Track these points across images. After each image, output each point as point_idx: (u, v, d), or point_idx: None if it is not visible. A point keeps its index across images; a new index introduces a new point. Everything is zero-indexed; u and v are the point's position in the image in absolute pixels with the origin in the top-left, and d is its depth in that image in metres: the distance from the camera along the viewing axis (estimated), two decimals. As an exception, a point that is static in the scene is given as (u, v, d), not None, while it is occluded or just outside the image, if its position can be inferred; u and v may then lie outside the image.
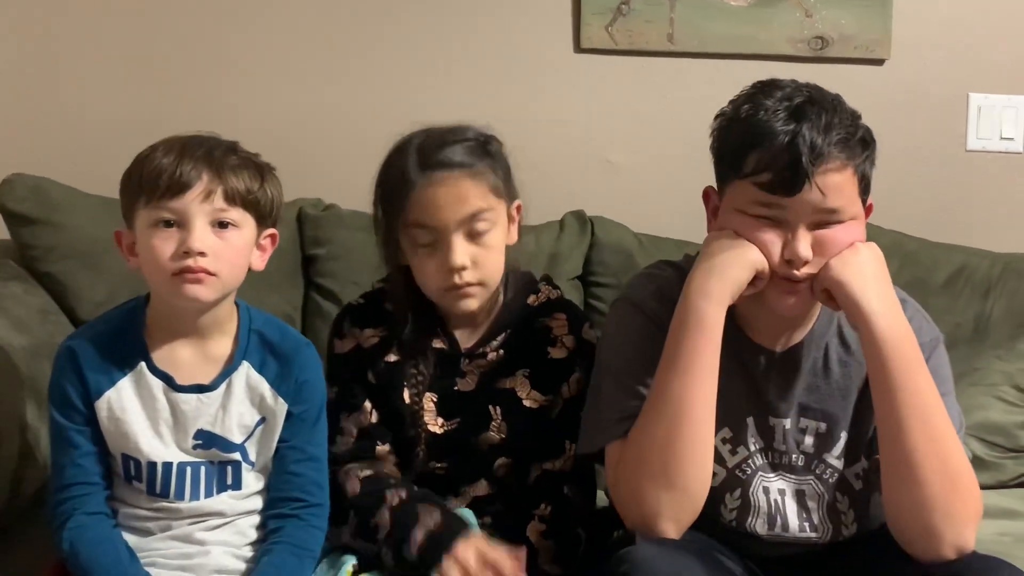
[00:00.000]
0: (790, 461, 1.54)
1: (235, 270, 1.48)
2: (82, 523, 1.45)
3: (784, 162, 1.39)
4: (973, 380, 2.15)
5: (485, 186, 1.59)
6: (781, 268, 1.43)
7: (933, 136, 2.46)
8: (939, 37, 2.44)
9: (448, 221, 1.56)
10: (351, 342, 1.67)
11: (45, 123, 2.34)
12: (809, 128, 1.39)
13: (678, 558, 1.35)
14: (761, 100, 1.44)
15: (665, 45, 2.38)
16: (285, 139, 2.29)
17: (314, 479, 1.54)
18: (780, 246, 1.43)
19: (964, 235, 2.37)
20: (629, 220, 2.28)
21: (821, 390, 1.54)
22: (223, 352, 1.52)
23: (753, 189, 1.42)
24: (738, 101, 1.49)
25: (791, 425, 1.54)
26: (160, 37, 2.35)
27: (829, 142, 1.39)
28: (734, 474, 1.54)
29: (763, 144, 1.40)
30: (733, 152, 1.45)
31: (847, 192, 1.43)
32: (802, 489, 1.55)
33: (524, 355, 1.68)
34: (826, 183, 1.39)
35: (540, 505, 1.63)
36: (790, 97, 1.43)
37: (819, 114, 1.40)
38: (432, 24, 2.38)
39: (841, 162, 1.41)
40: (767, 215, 1.43)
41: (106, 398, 1.47)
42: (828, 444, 1.54)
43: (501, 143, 1.66)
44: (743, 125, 1.44)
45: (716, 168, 1.52)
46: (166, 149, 1.45)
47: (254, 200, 1.48)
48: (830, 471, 1.54)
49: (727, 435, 1.53)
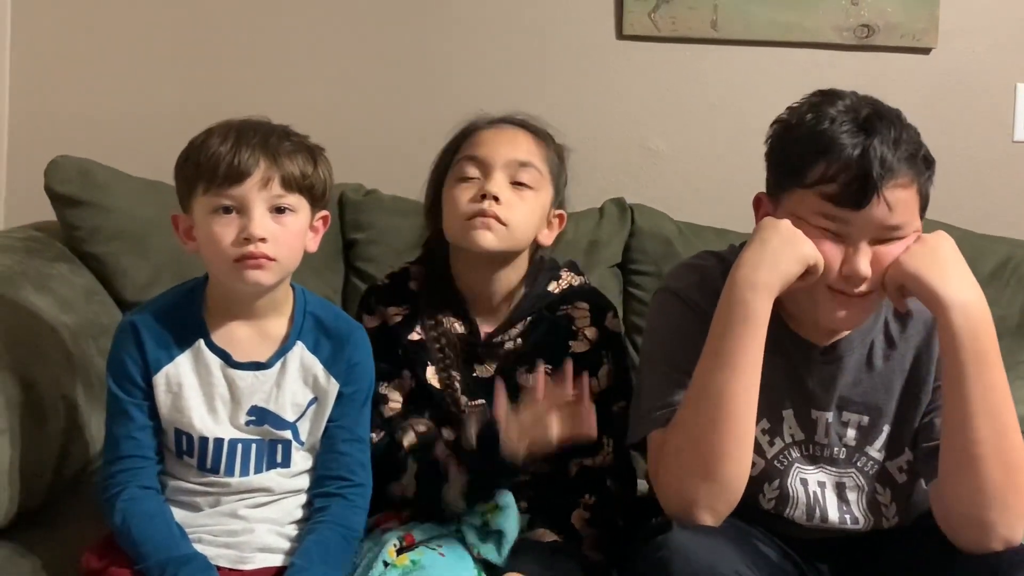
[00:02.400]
0: (831, 454, 1.54)
1: (293, 253, 1.50)
2: (135, 496, 1.47)
3: (853, 174, 1.38)
4: (1018, 373, 2.10)
5: (541, 152, 1.65)
6: (838, 283, 1.42)
7: (980, 126, 2.43)
8: (986, 26, 2.40)
9: (497, 155, 1.62)
10: (378, 319, 1.69)
11: (91, 108, 2.37)
12: (880, 142, 1.38)
13: (715, 544, 1.36)
14: (826, 109, 1.43)
15: (708, 32, 2.37)
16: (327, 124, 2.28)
17: (359, 459, 1.56)
18: (839, 260, 1.42)
19: (1010, 226, 2.35)
20: (669, 208, 2.27)
21: (864, 384, 1.54)
22: (279, 332, 1.54)
23: (818, 200, 1.41)
24: (800, 109, 1.47)
25: (833, 418, 1.54)
26: (205, 24, 2.37)
27: (899, 157, 1.39)
28: (773, 464, 1.54)
29: (831, 154, 1.39)
30: (796, 161, 1.43)
31: (911, 209, 1.42)
32: (843, 482, 1.54)
33: (545, 349, 1.67)
34: (894, 199, 1.39)
35: (585, 495, 1.64)
36: (855, 109, 1.42)
37: (888, 128, 1.40)
38: (474, 12, 2.38)
39: (909, 178, 1.40)
40: (829, 228, 1.41)
41: (164, 373, 1.50)
42: (871, 437, 1.54)
43: (568, 153, 1.72)
44: (808, 134, 1.42)
45: (772, 175, 1.50)
46: (222, 135, 1.46)
47: (309, 184, 1.50)
48: (871, 463, 1.54)
49: (766, 426, 1.53)
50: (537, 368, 1.64)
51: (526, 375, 1.67)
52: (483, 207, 1.59)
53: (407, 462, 1.60)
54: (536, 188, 1.64)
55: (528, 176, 1.63)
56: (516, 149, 1.63)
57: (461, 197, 1.61)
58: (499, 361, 1.68)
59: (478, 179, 1.62)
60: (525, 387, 1.64)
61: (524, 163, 1.63)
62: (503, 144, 1.63)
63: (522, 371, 1.67)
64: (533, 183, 1.63)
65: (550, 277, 1.72)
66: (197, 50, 2.37)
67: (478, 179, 1.62)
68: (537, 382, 1.49)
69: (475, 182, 1.62)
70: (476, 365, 1.68)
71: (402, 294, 1.71)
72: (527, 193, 1.63)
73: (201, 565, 1.43)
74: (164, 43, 2.37)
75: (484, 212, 1.59)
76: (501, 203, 1.60)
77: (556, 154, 1.69)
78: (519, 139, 1.65)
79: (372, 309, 1.70)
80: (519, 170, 1.62)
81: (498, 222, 1.60)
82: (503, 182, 1.61)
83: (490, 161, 1.61)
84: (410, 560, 1.48)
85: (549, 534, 1.58)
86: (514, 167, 1.62)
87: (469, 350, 1.68)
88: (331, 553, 1.48)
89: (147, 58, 2.37)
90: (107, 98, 2.38)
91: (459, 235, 1.63)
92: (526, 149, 1.64)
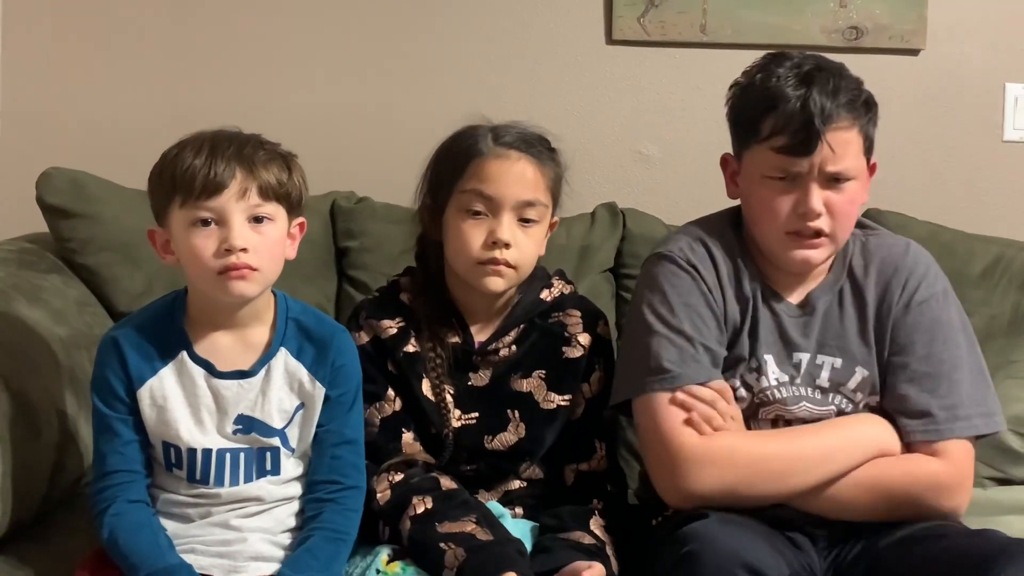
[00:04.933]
0: (810, 392, 1.63)
1: (275, 262, 1.50)
2: (122, 510, 1.48)
3: (798, 124, 1.53)
4: (1009, 372, 2.12)
5: (545, 181, 1.66)
6: (794, 224, 1.58)
7: (969, 127, 2.43)
8: (975, 27, 2.41)
9: (507, 196, 1.61)
10: (369, 334, 1.68)
11: (82, 118, 2.37)
12: (819, 92, 1.53)
13: (744, 536, 1.41)
14: (773, 68, 1.59)
15: (698, 36, 2.37)
16: (319, 132, 2.31)
17: (351, 461, 1.56)
18: (792, 204, 1.57)
19: (1001, 226, 2.35)
20: (661, 212, 2.27)
21: (834, 328, 1.65)
22: (261, 340, 1.55)
23: (772, 155, 1.57)
24: (751, 71, 1.64)
25: (809, 360, 1.64)
26: (196, 33, 2.37)
27: (837, 104, 1.54)
28: (759, 397, 1.63)
29: (778, 108, 1.55)
30: (749, 118, 1.60)
31: (854, 150, 1.57)
32: (821, 418, 1.62)
33: (539, 355, 1.69)
34: (836, 141, 1.54)
35: (592, 500, 1.65)
36: (799, 65, 1.58)
37: (827, 79, 1.55)
38: (464, 17, 2.38)
39: (849, 121, 1.56)
40: (784, 177, 1.57)
41: (148, 387, 1.50)
42: (844, 377, 1.63)
43: (563, 158, 1.72)
44: (757, 91, 1.59)
45: (733, 134, 1.68)
46: (196, 148, 1.46)
47: (286, 192, 1.50)
48: (845, 401, 1.63)
49: (754, 364, 1.64)
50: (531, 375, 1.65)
51: (520, 381, 1.67)
52: (494, 255, 1.60)
53: (379, 523, 1.59)
54: (540, 220, 1.66)
55: (534, 212, 1.64)
56: (524, 188, 1.63)
57: (472, 236, 1.61)
58: (493, 369, 1.68)
59: (485, 216, 1.62)
60: (520, 392, 1.66)
61: (531, 202, 1.63)
62: (512, 185, 1.62)
63: (516, 378, 1.68)
64: (538, 216, 1.65)
65: (542, 285, 1.73)
66: (188, 59, 2.37)
67: (485, 216, 1.62)
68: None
69: (483, 219, 1.62)
70: (471, 374, 1.68)
71: (394, 306, 1.70)
72: (532, 228, 1.64)
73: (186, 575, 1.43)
74: (155, 52, 2.37)
75: (496, 260, 1.61)
76: (511, 248, 1.61)
77: (555, 172, 1.68)
78: (526, 174, 1.63)
79: (361, 325, 1.69)
80: (525, 209, 1.63)
81: (508, 267, 1.62)
82: (511, 223, 1.62)
83: (499, 201, 1.61)
84: (400, 567, 1.48)
85: (587, 536, 1.57)
86: (523, 206, 1.63)
87: (463, 359, 1.68)
88: (320, 560, 1.48)
89: (138, 67, 2.37)
90: (98, 108, 2.37)
91: (468, 274, 1.64)
92: (532, 185, 1.64)
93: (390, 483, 1.60)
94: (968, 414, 1.58)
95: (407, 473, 1.62)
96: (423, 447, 1.65)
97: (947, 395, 1.58)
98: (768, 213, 1.60)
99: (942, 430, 1.57)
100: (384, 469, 1.61)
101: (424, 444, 1.65)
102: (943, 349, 1.61)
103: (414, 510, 1.54)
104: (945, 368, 1.60)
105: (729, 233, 1.69)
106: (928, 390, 1.59)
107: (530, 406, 1.67)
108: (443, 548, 1.47)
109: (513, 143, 1.64)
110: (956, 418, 1.57)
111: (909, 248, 1.69)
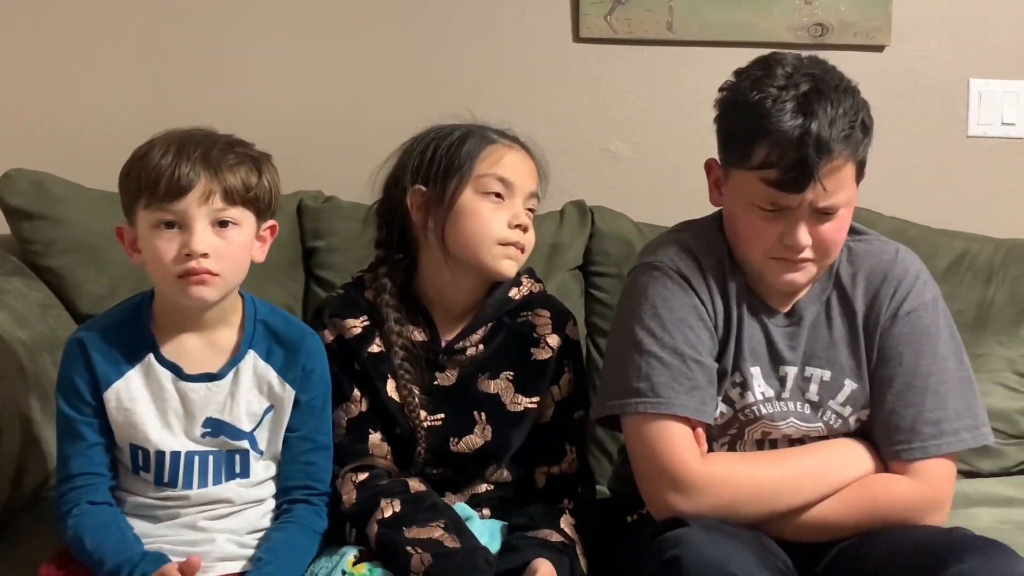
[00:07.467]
0: (797, 408, 1.60)
1: (238, 267, 1.49)
2: (85, 511, 1.47)
3: (792, 160, 1.44)
4: (975, 366, 2.12)
5: (542, 183, 1.72)
6: (778, 251, 1.52)
7: (934, 122, 2.45)
8: (939, 23, 2.42)
9: (524, 185, 1.66)
10: (333, 332, 1.66)
11: (45, 118, 2.34)
12: (817, 125, 1.44)
13: (727, 543, 1.39)
14: (765, 84, 1.48)
15: (664, 34, 2.37)
16: (285, 131, 2.28)
17: (324, 466, 1.57)
18: (777, 233, 1.51)
19: (966, 221, 2.36)
20: (629, 210, 2.27)
21: (822, 340, 1.61)
22: (229, 342, 1.53)
23: (762, 187, 1.48)
24: (742, 80, 1.53)
25: (797, 373, 1.60)
26: (161, 33, 2.35)
27: (835, 137, 1.45)
28: (743, 414, 1.60)
29: (769, 135, 1.46)
30: (740, 139, 1.50)
31: (847, 183, 1.50)
32: (809, 435, 1.60)
33: (507, 356, 1.68)
34: (830, 179, 1.46)
35: (564, 500, 1.64)
36: (796, 84, 1.47)
37: (825, 106, 1.45)
38: (431, 16, 2.37)
39: (844, 158, 1.47)
40: (774, 209, 1.50)
41: (115, 389, 1.49)
42: (834, 391, 1.60)
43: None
44: (749, 110, 1.48)
45: (721, 147, 1.57)
46: (163, 148, 1.45)
47: (253, 196, 1.49)
48: (834, 416, 1.60)
49: (738, 379, 1.59)
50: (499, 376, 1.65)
51: (487, 382, 1.66)
52: (517, 240, 1.64)
53: (346, 526, 1.57)
54: (535, 213, 1.71)
55: (535, 204, 1.70)
56: (532, 180, 1.69)
57: (496, 217, 1.63)
58: (460, 368, 1.67)
59: (502, 200, 1.64)
60: (487, 393, 1.65)
61: (536, 194, 1.70)
62: (526, 175, 1.67)
63: (483, 378, 1.67)
64: (536, 209, 1.71)
65: (511, 283, 1.72)
66: (155, 59, 2.35)
67: (502, 200, 1.64)
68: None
69: (502, 203, 1.64)
70: (437, 373, 1.67)
71: (358, 304, 1.68)
72: (533, 222, 1.70)
73: (153, 558, 1.42)
74: (121, 52, 2.35)
75: (517, 243, 1.64)
76: (527, 232, 1.66)
77: (543, 171, 1.74)
78: (533, 170, 1.70)
79: (325, 323, 1.67)
80: (531, 199, 1.69)
81: (522, 252, 1.66)
82: (523, 209, 1.67)
83: (517, 187, 1.65)
84: (367, 568, 1.47)
85: (555, 534, 1.57)
86: (528, 198, 1.68)
87: (430, 358, 1.66)
88: (296, 551, 1.48)
89: (103, 67, 2.35)
90: (62, 108, 2.34)
91: (486, 256, 1.63)
92: (536, 180, 1.70)
93: (354, 483, 1.58)
94: (955, 428, 1.55)
95: (372, 473, 1.60)
96: (391, 448, 1.64)
97: (933, 409, 1.55)
98: (753, 237, 1.54)
99: (927, 447, 1.54)
100: (347, 471, 1.60)
101: (391, 445, 1.64)
102: (931, 362, 1.57)
103: (382, 513, 1.53)
104: (932, 381, 1.56)
105: (715, 240, 1.63)
106: (914, 404, 1.55)
107: (497, 408, 1.66)
108: (410, 552, 1.46)
109: (515, 137, 1.70)
110: (943, 433, 1.54)
111: (898, 255, 1.63)
